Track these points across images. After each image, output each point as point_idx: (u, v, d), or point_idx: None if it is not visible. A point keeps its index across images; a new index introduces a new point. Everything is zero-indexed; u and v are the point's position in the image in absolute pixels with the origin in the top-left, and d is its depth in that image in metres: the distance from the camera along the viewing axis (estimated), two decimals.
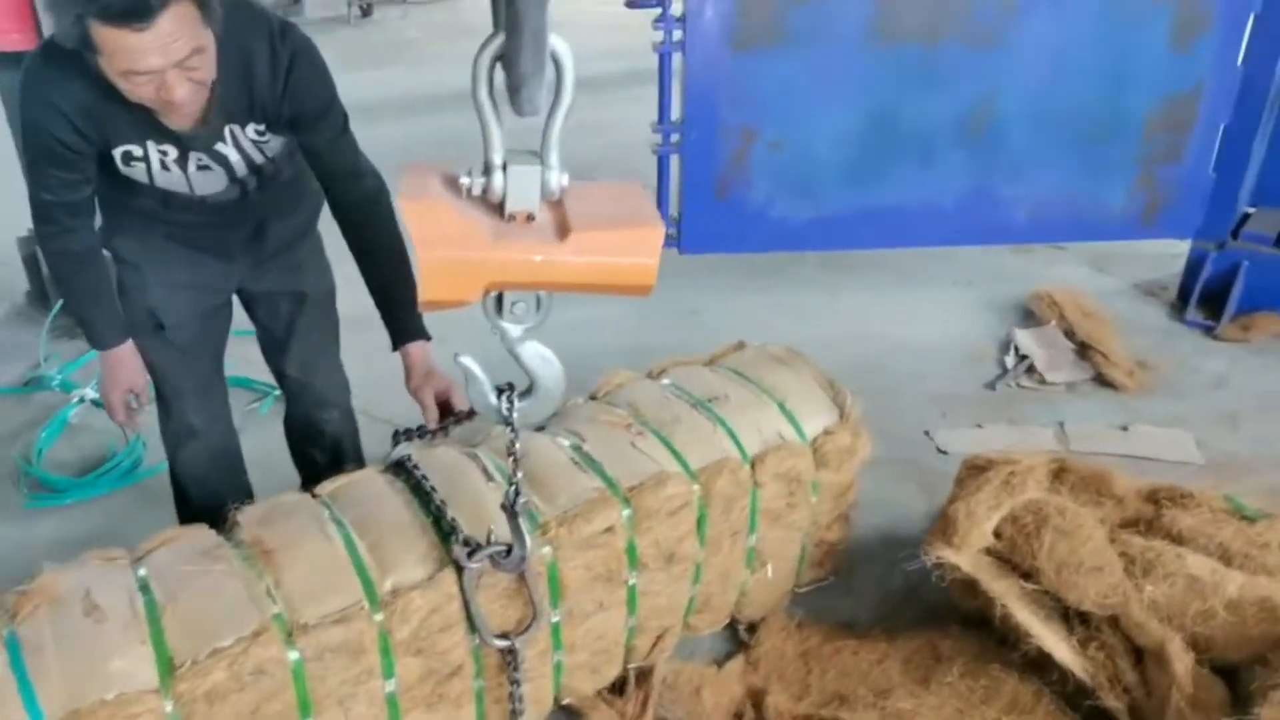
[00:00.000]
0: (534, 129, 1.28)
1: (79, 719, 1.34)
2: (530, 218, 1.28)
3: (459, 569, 1.59)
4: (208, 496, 2.13)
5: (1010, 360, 3.32)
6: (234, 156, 1.75)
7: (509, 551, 1.59)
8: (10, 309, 3.72)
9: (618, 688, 1.96)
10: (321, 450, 2.27)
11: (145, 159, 1.70)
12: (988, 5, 3.12)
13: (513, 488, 1.54)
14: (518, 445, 1.51)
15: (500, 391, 1.48)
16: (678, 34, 3.05)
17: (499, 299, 1.35)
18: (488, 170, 1.26)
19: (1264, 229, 3.47)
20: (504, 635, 1.65)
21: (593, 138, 6.01)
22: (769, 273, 3.92)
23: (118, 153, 1.69)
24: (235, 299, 2.11)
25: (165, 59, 1.44)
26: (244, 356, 2.41)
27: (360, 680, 1.55)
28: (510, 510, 1.56)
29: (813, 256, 4.07)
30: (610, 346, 3.41)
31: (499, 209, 1.28)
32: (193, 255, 1.95)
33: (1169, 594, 1.74)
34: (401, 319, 1.90)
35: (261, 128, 1.72)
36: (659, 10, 3.03)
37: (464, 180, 1.26)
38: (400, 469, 1.81)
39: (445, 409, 1.91)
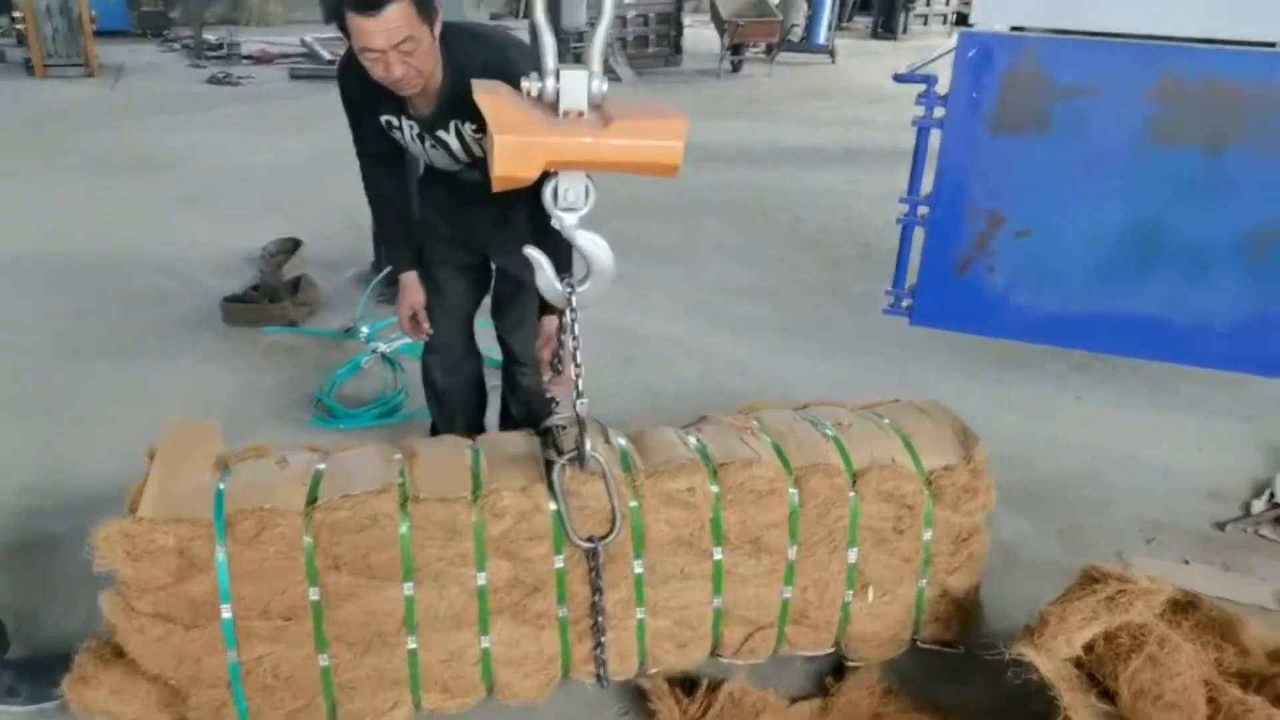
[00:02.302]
0: None
1: (240, 516, 1.79)
2: (580, 114, 1.61)
3: (549, 468, 1.88)
4: (445, 402, 2.76)
5: (1259, 504, 2.97)
6: (454, 144, 2.23)
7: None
8: (357, 273, 4.58)
9: (689, 687, 2.12)
10: (516, 402, 2.74)
11: (400, 129, 2.25)
12: None
13: (576, 381, 1.83)
14: (578, 327, 1.82)
15: (562, 279, 1.79)
16: (939, 111, 3.12)
17: (555, 191, 1.68)
18: (543, 76, 1.61)
19: None
20: (589, 539, 1.87)
21: (832, 202, 6.15)
22: (1013, 363, 3.80)
23: (382, 119, 2.26)
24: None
25: (387, 41, 1.94)
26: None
27: (455, 562, 1.85)
28: (573, 406, 1.83)
29: (1073, 355, 3.88)
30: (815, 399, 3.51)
31: (554, 108, 1.62)
32: (453, 218, 2.51)
33: None
34: None
35: (474, 126, 2.18)
36: (924, 86, 3.12)
37: (524, 84, 1.62)
38: (546, 432, 2.06)
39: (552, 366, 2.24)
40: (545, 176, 1.70)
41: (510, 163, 1.59)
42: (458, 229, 2.52)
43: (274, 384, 3.57)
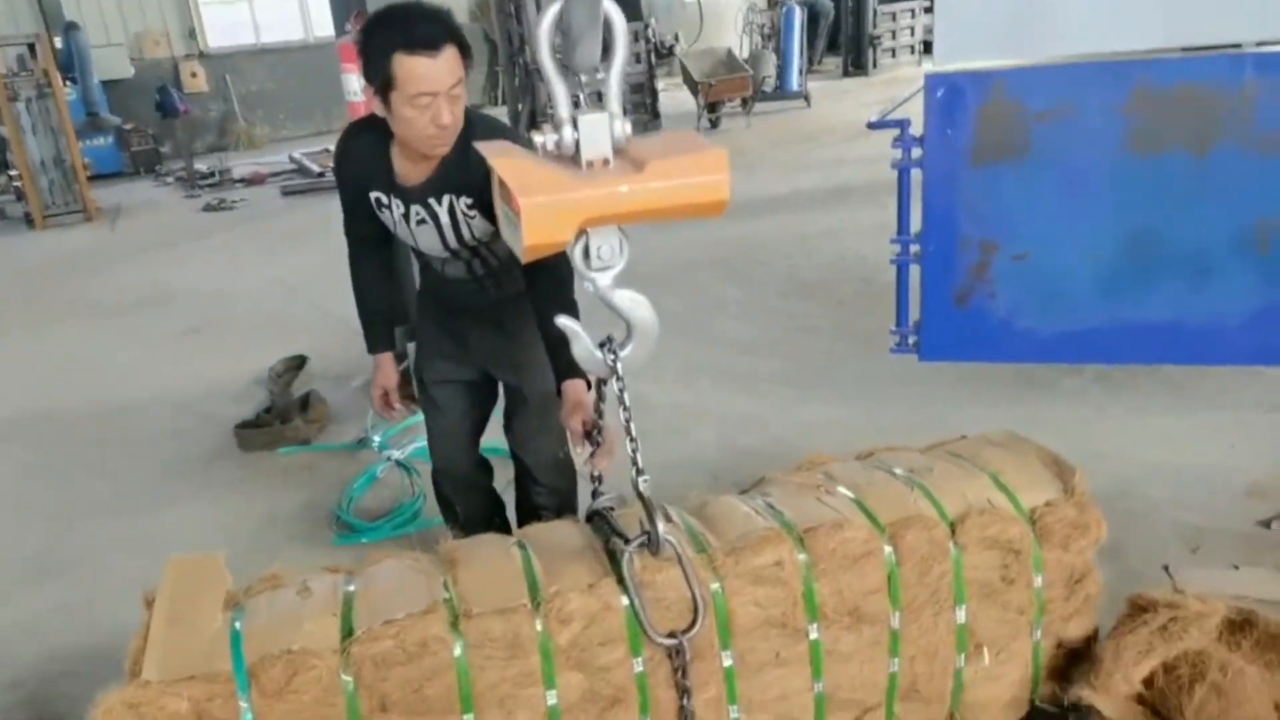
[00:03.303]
0: None
1: (265, 663, 1.59)
2: (606, 163, 1.43)
3: (615, 561, 1.67)
4: (459, 513, 2.69)
5: None
6: (444, 218, 2.18)
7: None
8: (364, 381, 4.57)
9: None
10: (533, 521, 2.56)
11: (389, 207, 2.23)
12: (1273, 107, 2.85)
13: (635, 457, 1.61)
14: (627, 395, 1.61)
15: (602, 345, 1.61)
16: (916, 152, 3.13)
17: (585, 251, 1.48)
18: (558, 126, 1.41)
19: None
20: (670, 635, 1.66)
21: (827, 243, 6.15)
22: (1029, 384, 3.76)
23: (372, 197, 2.24)
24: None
25: (443, 83, 1.94)
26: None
27: (520, 683, 1.64)
28: (634, 488, 1.62)
29: (1089, 369, 3.85)
30: (842, 448, 3.47)
31: (574, 160, 1.43)
32: (449, 330, 2.49)
33: None
34: (567, 359, 1.91)
35: (470, 201, 2.13)
36: (898, 130, 3.13)
37: (539, 139, 1.44)
38: (596, 517, 1.88)
39: (590, 439, 2.02)
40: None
41: (541, 229, 1.38)
42: (455, 341, 2.48)
43: (294, 506, 3.55)
